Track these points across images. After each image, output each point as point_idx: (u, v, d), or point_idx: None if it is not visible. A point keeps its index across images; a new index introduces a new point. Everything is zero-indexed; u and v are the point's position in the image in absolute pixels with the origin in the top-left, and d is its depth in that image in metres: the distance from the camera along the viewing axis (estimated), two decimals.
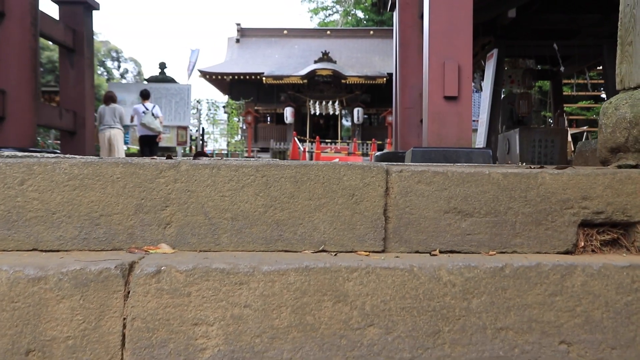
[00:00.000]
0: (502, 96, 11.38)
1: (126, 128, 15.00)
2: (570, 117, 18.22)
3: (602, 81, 15.32)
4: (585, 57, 10.77)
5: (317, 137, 23.65)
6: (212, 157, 2.00)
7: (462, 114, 4.43)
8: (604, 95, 19.00)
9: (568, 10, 9.91)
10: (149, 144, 12.01)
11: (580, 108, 19.02)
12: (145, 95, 12.07)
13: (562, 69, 10.96)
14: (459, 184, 1.60)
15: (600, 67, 12.23)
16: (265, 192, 1.55)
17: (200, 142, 19.66)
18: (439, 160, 4.24)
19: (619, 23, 2.20)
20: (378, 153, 6.12)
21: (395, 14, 6.50)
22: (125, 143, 15.70)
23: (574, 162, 5.55)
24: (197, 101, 26.15)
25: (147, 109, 11.93)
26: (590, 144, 5.49)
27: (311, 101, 27.66)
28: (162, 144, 13.91)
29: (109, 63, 48.31)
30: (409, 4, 5.98)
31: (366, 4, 38.73)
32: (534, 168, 1.70)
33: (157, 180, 1.55)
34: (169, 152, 15.99)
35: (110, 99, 11.41)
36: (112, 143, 11.17)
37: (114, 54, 49.19)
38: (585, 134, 17.53)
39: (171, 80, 17.06)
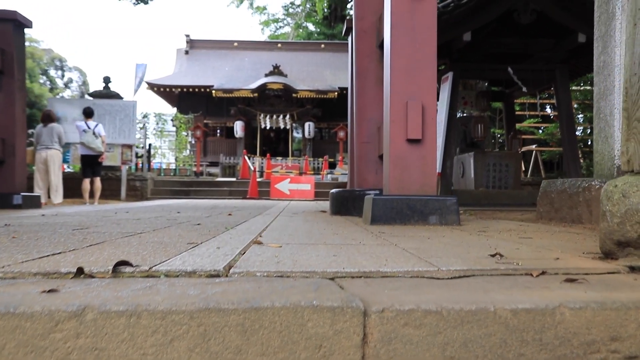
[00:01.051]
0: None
1: (67, 146, 14.26)
2: (520, 135, 18.33)
3: (552, 101, 15.42)
4: (539, 80, 10.71)
5: (268, 154, 23.20)
6: (160, 173, 1.59)
7: (427, 158, 4.10)
8: (547, 110, 19.20)
9: (521, 35, 9.82)
10: (90, 164, 11.40)
11: (529, 126, 19.18)
12: (88, 114, 11.47)
13: (524, 89, 10.88)
14: (456, 325, 1.23)
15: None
16: (203, 347, 1.14)
17: (147, 158, 18.93)
18: (402, 209, 3.89)
19: (624, 94, 1.88)
20: (334, 191, 5.74)
21: (351, 41, 6.16)
22: (66, 162, 14.92)
23: (539, 203, 5.31)
24: (144, 116, 25.36)
25: (88, 128, 11.32)
26: (556, 184, 5.25)
27: (262, 115, 27.20)
28: (105, 162, 13.25)
29: (52, 72, 46.68)
30: (367, 32, 5.65)
31: (317, 17, 38.58)
32: (550, 302, 1.32)
33: (52, 335, 1.12)
34: (112, 170, 15.28)
35: (47, 118, 10.75)
36: (48, 164, 10.53)
37: (58, 63, 47.58)
38: (534, 153, 17.64)
39: (116, 96, 16.36)
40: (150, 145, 21.54)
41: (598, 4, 4.98)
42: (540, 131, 18.89)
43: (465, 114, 12.39)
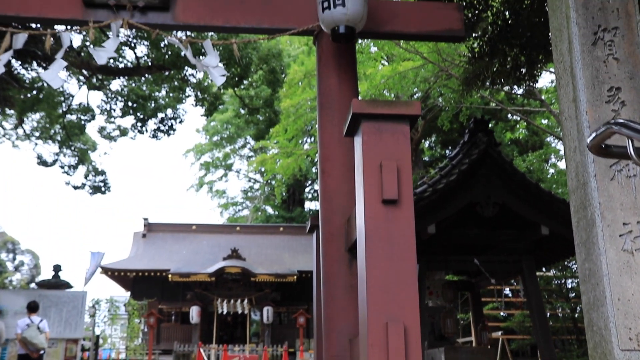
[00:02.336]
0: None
1: (6, 342, 13.13)
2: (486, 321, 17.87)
3: (517, 287, 15.22)
4: (506, 270, 10.54)
5: (225, 345, 22.03)
6: None
7: None
8: (510, 295, 18.96)
9: (486, 226, 9.78)
10: None
11: (492, 312, 18.79)
12: (32, 308, 10.74)
13: (492, 281, 10.63)
14: None
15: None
16: None
17: (94, 351, 17.64)
18: None
19: None
20: None
21: (316, 241, 5.83)
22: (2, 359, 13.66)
23: None
24: (95, 302, 24.19)
25: (32, 322, 10.51)
26: None
27: (219, 300, 26.25)
28: None
29: (3, 255, 45.33)
30: (334, 235, 5.33)
31: (276, 201, 39.22)
32: None
33: None
34: None
35: None
36: None
37: (10, 246, 46.40)
38: (500, 341, 17.06)
39: (65, 285, 15.54)
40: (97, 337, 20.26)
41: (574, 209, 4.81)
42: (506, 317, 18.49)
43: (431, 305, 11.99)
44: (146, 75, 15.65)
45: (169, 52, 14.18)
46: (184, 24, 5.17)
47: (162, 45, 13.99)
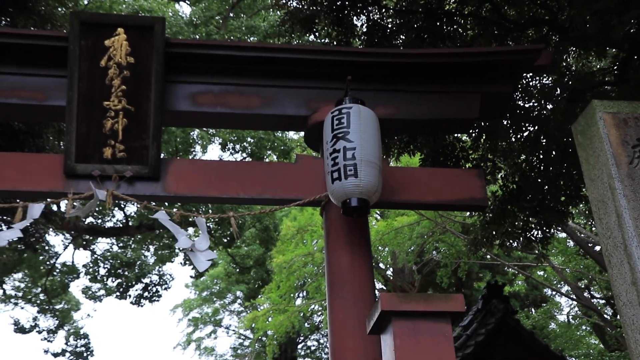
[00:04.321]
0: None
1: None
2: None
3: None
4: None
5: None
6: None
7: None
8: None
9: None
10: None
11: None
12: None
13: None
14: None
15: None
16: None
17: None
18: None
19: None
20: None
21: None
22: None
23: None
24: None
25: None
26: None
27: None
28: None
29: None
30: None
31: (267, 359, 37.24)
32: None
33: None
34: None
35: None
36: None
37: None
38: None
39: None
40: None
41: None
42: None
43: None
44: (135, 235, 15.14)
45: None
46: (175, 195, 4.63)
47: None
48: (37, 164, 4.57)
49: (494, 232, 8.48)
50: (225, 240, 16.02)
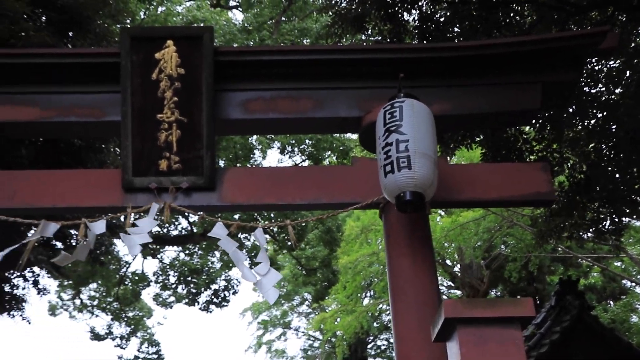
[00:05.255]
0: None
1: None
2: None
3: None
4: None
5: None
6: None
7: None
8: None
9: None
10: None
11: None
12: None
13: None
14: None
15: None
16: None
17: None
18: None
19: None
20: None
21: None
22: None
23: None
24: None
25: None
26: None
27: None
28: None
29: None
30: None
31: None
32: None
33: None
34: None
35: None
36: None
37: None
38: None
39: None
40: None
41: None
42: None
43: None
44: (200, 242, 15.38)
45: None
46: (232, 204, 4.61)
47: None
48: (96, 180, 4.65)
49: (561, 225, 8.15)
50: (289, 244, 16.05)
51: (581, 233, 8.69)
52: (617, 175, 7.29)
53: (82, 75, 4.70)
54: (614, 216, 7.80)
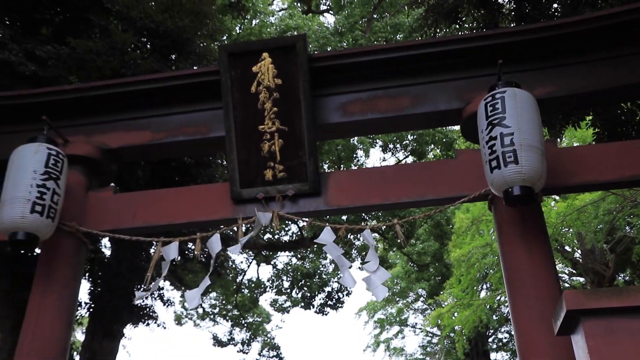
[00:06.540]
0: None
1: None
2: None
3: None
4: None
5: None
6: None
7: None
8: None
9: None
10: None
11: None
12: None
13: None
14: None
15: None
16: None
17: None
18: None
19: None
20: None
21: None
22: None
23: None
24: None
25: None
26: None
27: None
28: None
29: None
30: None
31: (458, 355, 36.55)
32: None
33: None
34: None
35: None
36: None
37: None
38: None
39: None
40: None
41: None
42: None
43: None
44: (311, 246, 15.61)
45: None
46: (338, 207, 4.64)
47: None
48: (207, 195, 4.84)
49: None
50: (399, 241, 15.95)
51: None
52: None
53: (186, 95, 4.93)
54: None
